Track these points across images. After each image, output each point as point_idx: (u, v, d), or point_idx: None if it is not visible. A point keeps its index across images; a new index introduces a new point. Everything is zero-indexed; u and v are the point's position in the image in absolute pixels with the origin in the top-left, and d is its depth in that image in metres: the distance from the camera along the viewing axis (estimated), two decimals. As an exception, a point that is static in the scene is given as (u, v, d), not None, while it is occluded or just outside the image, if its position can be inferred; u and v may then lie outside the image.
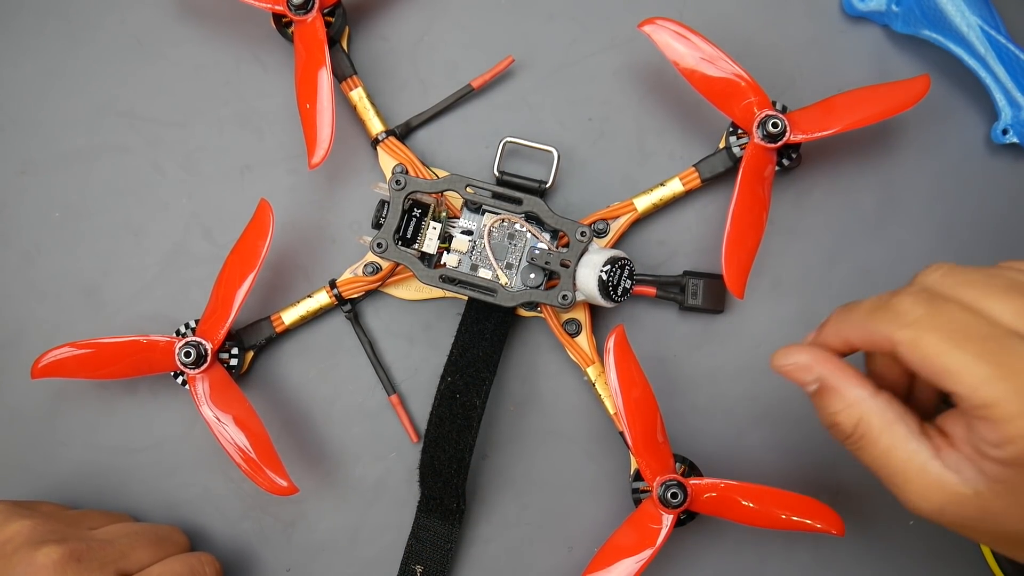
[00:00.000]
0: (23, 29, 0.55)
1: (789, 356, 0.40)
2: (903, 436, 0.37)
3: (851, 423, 0.38)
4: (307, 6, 0.50)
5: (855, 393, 0.38)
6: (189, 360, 0.48)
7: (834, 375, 0.39)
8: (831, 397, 0.39)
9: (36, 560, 0.42)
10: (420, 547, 0.51)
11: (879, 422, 0.37)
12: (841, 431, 0.39)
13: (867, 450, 0.38)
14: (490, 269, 0.50)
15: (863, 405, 0.38)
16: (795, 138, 0.49)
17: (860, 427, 0.38)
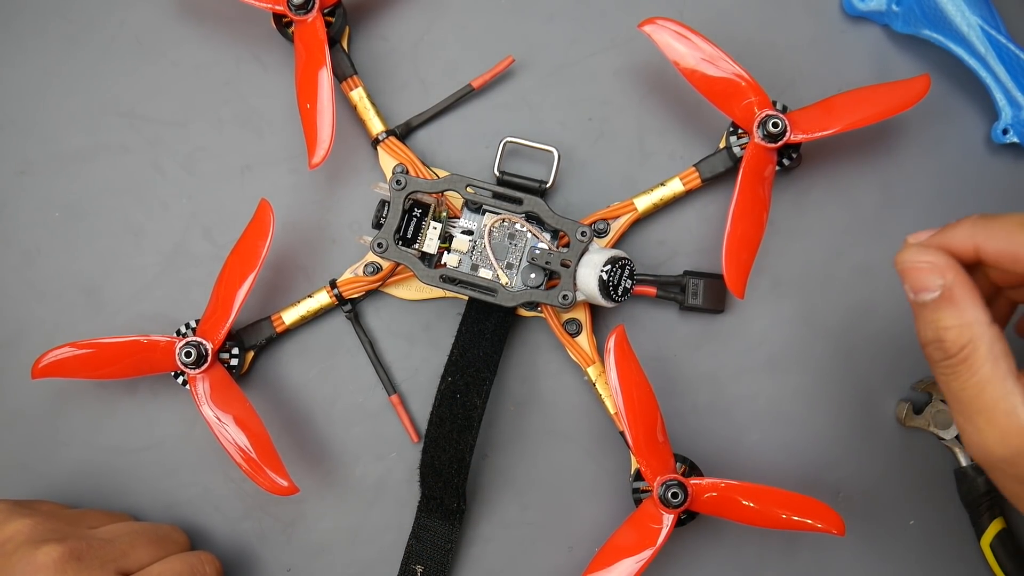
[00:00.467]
0: (24, 29, 0.55)
1: (925, 253, 0.38)
2: (1003, 374, 0.35)
3: (960, 343, 0.36)
4: (307, 6, 0.50)
5: (974, 313, 0.36)
6: (189, 360, 0.48)
7: (962, 287, 0.37)
8: (948, 310, 0.36)
9: (36, 559, 0.42)
10: (420, 547, 0.51)
11: (986, 352, 0.36)
12: (944, 349, 0.36)
13: (962, 377, 0.36)
14: (490, 269, 0.50)
15: (977, 328, 0.36)
16: (795, 138, 0.49)
17: (967, 350, 0.36)
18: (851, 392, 0.53)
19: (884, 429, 0.53)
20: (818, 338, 0.53)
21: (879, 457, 0.53)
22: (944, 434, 0.52)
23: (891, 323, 0.53)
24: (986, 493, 0.51)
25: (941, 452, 0.53)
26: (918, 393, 0.53)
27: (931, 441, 0.53)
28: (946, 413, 0.52)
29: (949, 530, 0.53)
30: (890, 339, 0.53)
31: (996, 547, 0.51)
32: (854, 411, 0.53)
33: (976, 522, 0.52)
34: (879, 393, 0.53)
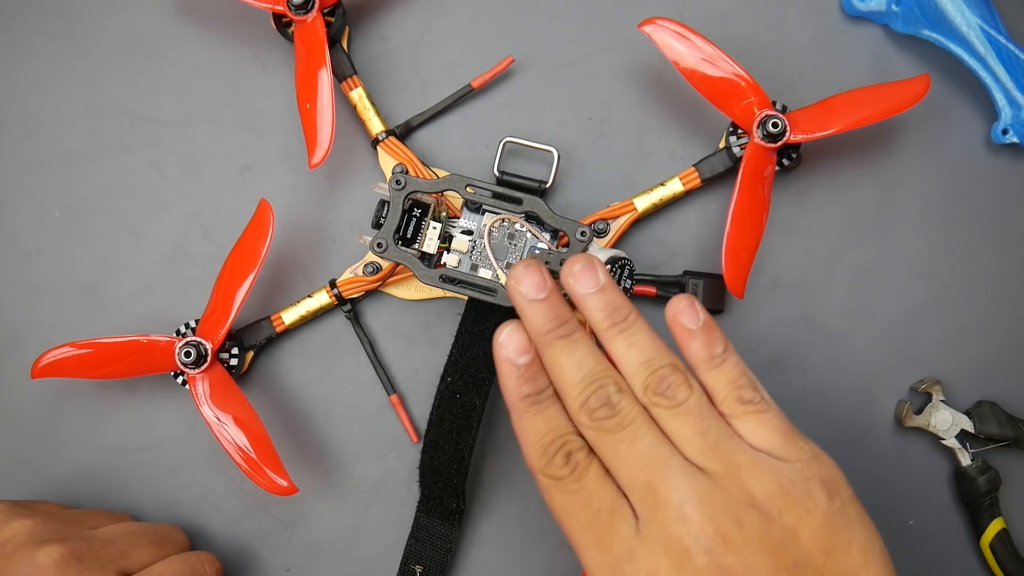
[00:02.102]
0: (24, 29, 0.55)
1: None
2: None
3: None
4: (307, 6, 0.50)
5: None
6: (189, 360, 0.48)
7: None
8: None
9: (37, 560, 0.42)
10: (420, 547, 0.51)
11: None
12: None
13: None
14: (490, 269, 0.50)
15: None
16: (795, 138, 0.49)
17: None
18: (851, 392, 0.53)
19: (884, 429, 0.53)
20: (818, 338, 0.53)
21: (879, 457, 0.53)
22: (944, 434, 0.52)
23: (891, 323, 0.54)
24: (986, 493, 0.51)
25: (941, 452, 0.53)
26: (918, 393, 0.53)
27: (931, 441, 0.53)
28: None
29: (949, 530, 0.53)
30: (890, 339, 0.53)
31: (996, 547, 0.51)
32: (854, 411, 0.53)
33: (976, 522, 0.52)
34: (879, 393, 0.53)
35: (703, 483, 0.37)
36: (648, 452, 0.38)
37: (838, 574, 0.37)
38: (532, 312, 0.42)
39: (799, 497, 0.37)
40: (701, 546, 0.36)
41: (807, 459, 0.39)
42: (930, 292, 0.54)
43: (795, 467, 0.38)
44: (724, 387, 0.40)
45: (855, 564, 0.37)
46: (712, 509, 0.37)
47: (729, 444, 0.38)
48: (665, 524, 0.37)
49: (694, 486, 0.37)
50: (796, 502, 0.37)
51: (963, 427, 0.52)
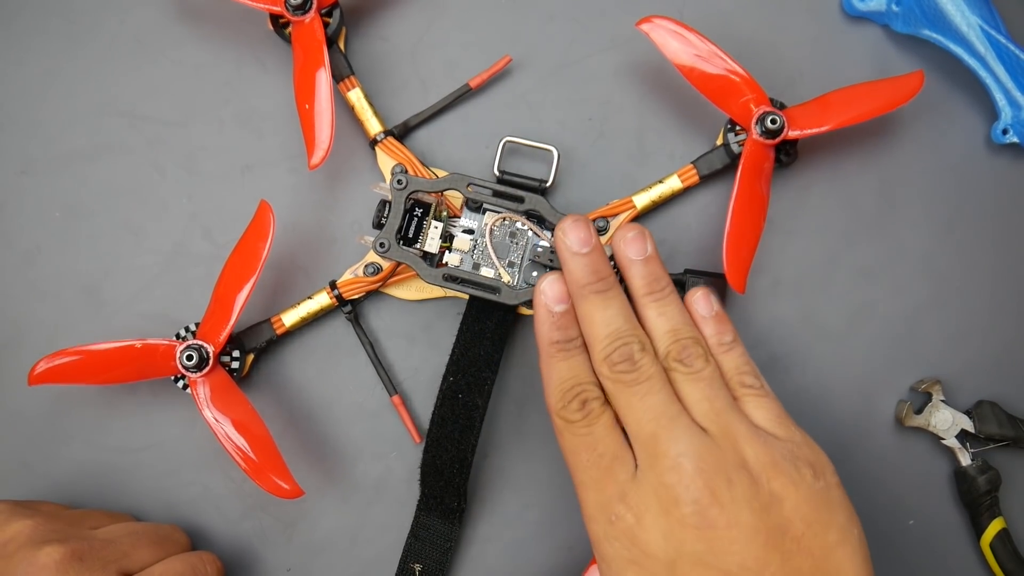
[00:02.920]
0: (24, 29, 0.55)
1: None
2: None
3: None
4: (305, 7, 0.50)
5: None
6: (191, 364, 0.48)
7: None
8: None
9: (38, 560, 0.42)
10: (419, 546, 0.51)
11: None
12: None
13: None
14: (492, 268, 0.50)
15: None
16: (793, 134, 0.50)
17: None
18: (851, 392, 0.53)
19: (884, 429, 0.53)
20: (818, 338, 0.53)
21: (879, 457, 0.53)
22: (944, 434, 0.52)
23: (891, 323, 0.54)
24: (986, 493, 0.51)
25: (941, 452, 0.53)
26: (918, 393, 0.53)
27: (931, 441, 0.53)
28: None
29: (949, 530, 0.53)
30: (890, 339, 0.53)
31: (996, 547, 0.51)
32: (854, 411, 0.53)
33: (976, 522, 0.52)
34: (879, 393, 0.53)
35: (702, 441, 0.40)
36: (657, 406, 0.41)
37: (814, 548, 0.39)
38: (574, 264, 0.44)
39: (787, 470, 0.40)
40: (689, 495, 0.39)
41: (799, 441, 0.42)
42: (930, 292, 0.54)
43: (787, 446, 0.41)
44: (729, 371, 0.44)
45: (832, 542, 0.39)
46: (706, 465, 0.39)
47: (732, 414, 0.42)
48: (660, 472, 0.40)
49: (693, 443, 0.40)
50: (784, 473, 0.40)
51: (963, 427, 0.52)
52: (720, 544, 0.38)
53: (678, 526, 0.39)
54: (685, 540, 0.39)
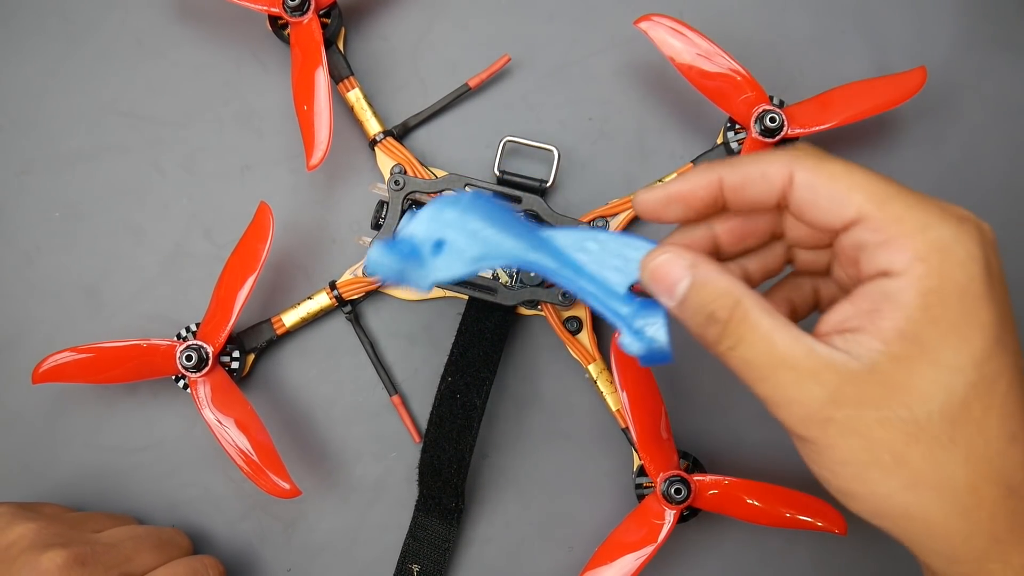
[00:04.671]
0: (23, 29, 0.56)
1: (658, 252, 0.36)
2: (784, 322, 0.33)
3: (729, 306, 0.34)
4: (303, 7, 0.50)
5: (729, 280, 0.34)
6: (190, 364, 0.48)
7: (705, 263, 0.35)
8: (704, 288, 0.34)
9: (40, 564, 0.42)
10: (418, 546, 0.51)
11: (758, 306, 0.34)
12: (717, 319, 0.34)
13: (747, 338, 0.33)
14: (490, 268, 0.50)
15: (740, 289, 0.34)
16: (792, 132, 0.50)
17: (740, 309, 0.34)
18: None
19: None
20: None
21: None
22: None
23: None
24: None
25: (942, 450, 0.53)
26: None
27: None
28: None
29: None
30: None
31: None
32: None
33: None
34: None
35: None
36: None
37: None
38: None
39: None
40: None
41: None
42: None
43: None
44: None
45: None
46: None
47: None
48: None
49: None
50: None
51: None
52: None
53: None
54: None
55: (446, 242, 0.37)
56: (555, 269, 0.38)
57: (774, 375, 0.33)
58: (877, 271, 0.32)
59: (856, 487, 0.34)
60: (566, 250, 0.38)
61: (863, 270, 0.33)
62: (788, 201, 0.35)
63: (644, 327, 0.37)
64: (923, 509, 0.33)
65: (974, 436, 0.32)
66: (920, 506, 0.33)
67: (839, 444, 0.33)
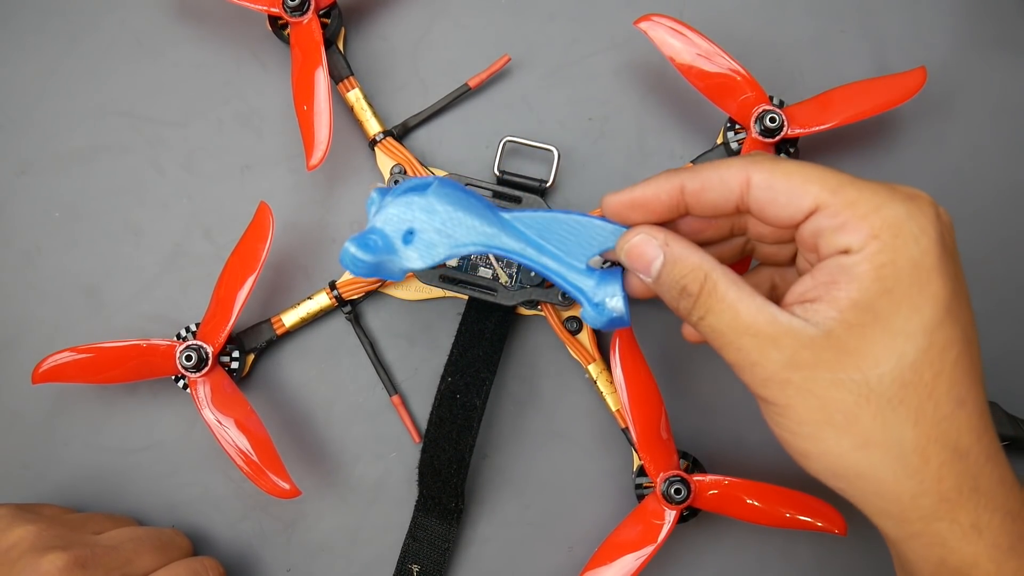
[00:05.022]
0: (23, 28, 0.56)
1: (632, 234, 0.39)
2: (749, 293, 0.36)
3: (699, 280, 0.37)
4: (303, 7, 0.50)
5: (699, 256, 0.38)
6: (190, 364, 0.48)
7: (676, 240, 0.38)
8: (677, 263, 0.38)
9: (41, 567, 0.42)
10: (417, 546, 0.51)
11: (726, 280, 0.37)
12: (688, 292, 0.37)
13: (715, 308, 0.37)
14: (490, 268, 0.50)
15: (708, 264, 0.37)
16: (792, 132, 0.50)
17: (708, 282, 0.37)
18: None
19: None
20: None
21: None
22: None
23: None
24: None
25: (942, 450, 0.53)
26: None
27: (932, 439, 0.53)
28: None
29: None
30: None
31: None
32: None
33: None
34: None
35: None
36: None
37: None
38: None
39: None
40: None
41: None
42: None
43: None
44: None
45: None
46: None
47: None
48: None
49: None
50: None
51: (964, 426, 0.51)
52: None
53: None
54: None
55: (416, 231, 0.40)
56: (519, 250, 0.41)
57: (738, 340, 0.36)
58: (835, 251, 0.35)
59: (812, 446, 0.36)
60: (528, 231, 0.41)
61: (822, 251, 0.36)
62: (747, 204, 0.37)
63: (604, 299, 0.41)
64: (873, 468, 0.35)
65: (923, 400, 0.34)
66: (870, 465, 0.35)
67: (796, 404, 0.36)
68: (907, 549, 0.36)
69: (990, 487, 0.35)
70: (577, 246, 0.41)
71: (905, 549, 0.36)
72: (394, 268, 0.40)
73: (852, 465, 0.35)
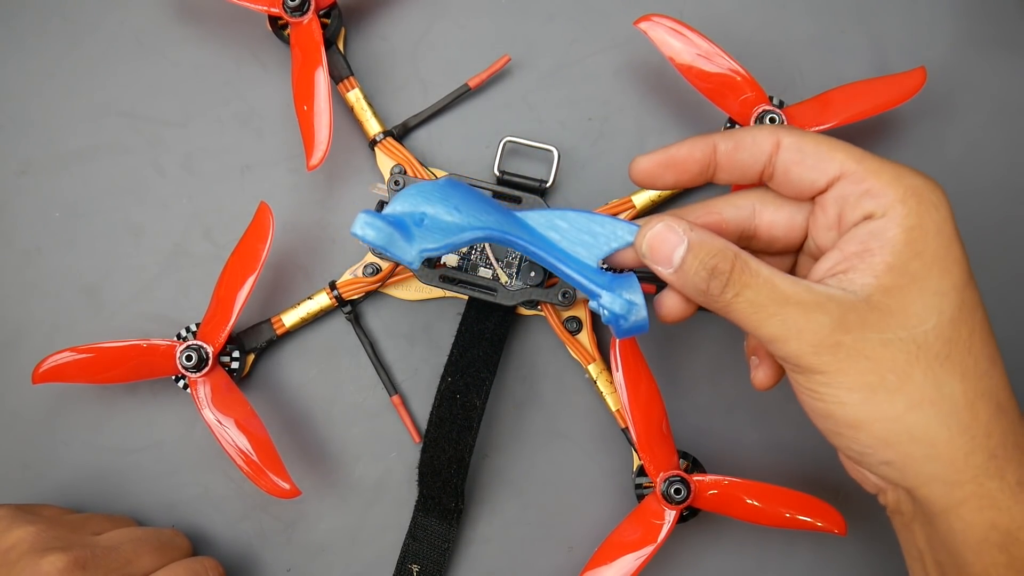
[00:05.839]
0: (24, 29, 0.56)
1: (653, 221, 0.39)
2: (777, 271, 0.37)
3: (730, 258, 0.37)
4: (303, 8, 0.50)
5: (721, 240, 0.38)
6: (190, 364, 0.48)
7: (699, 230, 0.39)
8: (702, 247, 0.38)
9: (41, 568, 0.42)
10: (417, 546, 0.51)
11: (754, 258, 0.37)
12: (720, 271, 0.37)
13: (752, 283, 0.37)
14: (490, 268, 0.50)
15: (734, 246, 0.38)
16: (794, 133, 0.49)
17: (740, 259, 0.37)
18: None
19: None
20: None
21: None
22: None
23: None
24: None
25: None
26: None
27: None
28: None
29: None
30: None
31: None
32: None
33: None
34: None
35: None
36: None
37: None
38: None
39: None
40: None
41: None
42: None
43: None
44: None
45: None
46: None
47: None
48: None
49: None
50: None
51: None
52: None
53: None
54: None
55: (427, 216, 0.40)
56: (528, 243, 0.41)
57: (782, 311, 0.36)
58: (861, 216, 0.36)
59: (865, 413, 0.36)
60: (538, 228, 0.42)
61: (846, 219, 0.37)
62: (773, 168, 0.39)
63: (620, 295, 0.40)
64: (928, 428, 0.35)
65: (965, 355, 0.35)
66: (926, 425, 0.35)
67: (848, 368, 0.36)
68: (955, 517, 0.36)
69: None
70: (589, 245, 0.41)
71: (953, 518, 0.36)
72: (406, 250, 0.39)
73: (907, 428, 0.36)
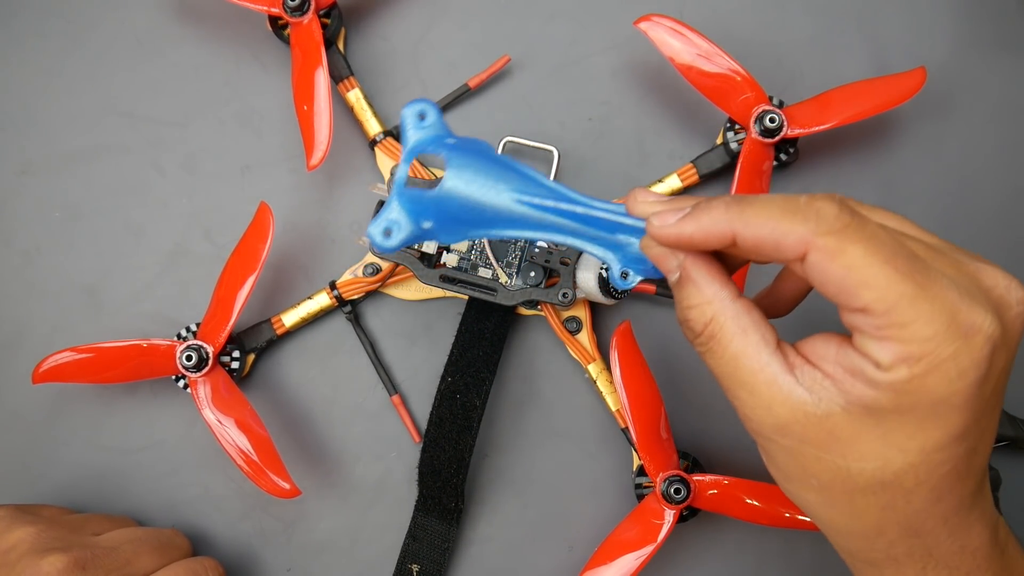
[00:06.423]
0: (24, 29, 0.56)
1: (652, 246, 0.37)
2: (756, 345, 0.34)
3: (702, 321, 0.35)
4: (303, 8, 0.50)
5: (713, 290, 0.35)
6: (191, 364, 0.48)
7: (696, 265, 0.35)
8: (689, 288, 0.35)
9: (41, 569, 0.42)
10: (417, 546, 0.51)
11: (732, 327, 0.34)
12: (691, 328, 0.35)
13: (715, 353, 0.35)
14: (490, 268, 0.50)
15: (718, 304, 0.35)
16: (792, 133, 0.50)
17: (711, 327, 0.35)
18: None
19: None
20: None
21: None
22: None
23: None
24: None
25: (942, 451, 0.53)
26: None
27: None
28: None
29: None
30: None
31: (996, 547, 0.51)
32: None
33: (976, 522, 0.52)
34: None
35: None
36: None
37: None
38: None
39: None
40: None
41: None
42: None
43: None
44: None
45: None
46: None
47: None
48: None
49: None
50: None
51: (963, 426, 0.51)
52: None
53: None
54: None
55: (432, 226, 0.37)
56: (555, 201, 0.37)
57: (732, 389, 0.35)
58: (864, 353, 0.33)
59: (788, 489, 0.37)
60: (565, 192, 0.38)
61: (852, 342, 0.34)
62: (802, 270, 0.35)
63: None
64: (834, 523, 0.36)
65: (896, 498, 0.34)
66: (831, 520, 0.36)
67: (778, 459, 0.36)
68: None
69: (947, 555, 0.35)
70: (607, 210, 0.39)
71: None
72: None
73: (816, 515, 0.37)
